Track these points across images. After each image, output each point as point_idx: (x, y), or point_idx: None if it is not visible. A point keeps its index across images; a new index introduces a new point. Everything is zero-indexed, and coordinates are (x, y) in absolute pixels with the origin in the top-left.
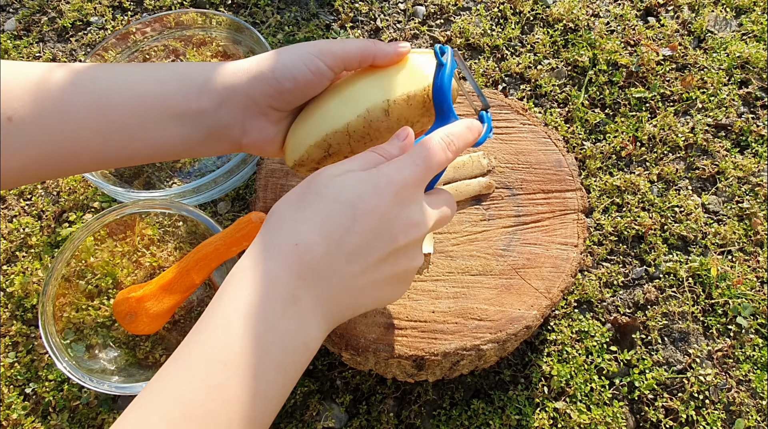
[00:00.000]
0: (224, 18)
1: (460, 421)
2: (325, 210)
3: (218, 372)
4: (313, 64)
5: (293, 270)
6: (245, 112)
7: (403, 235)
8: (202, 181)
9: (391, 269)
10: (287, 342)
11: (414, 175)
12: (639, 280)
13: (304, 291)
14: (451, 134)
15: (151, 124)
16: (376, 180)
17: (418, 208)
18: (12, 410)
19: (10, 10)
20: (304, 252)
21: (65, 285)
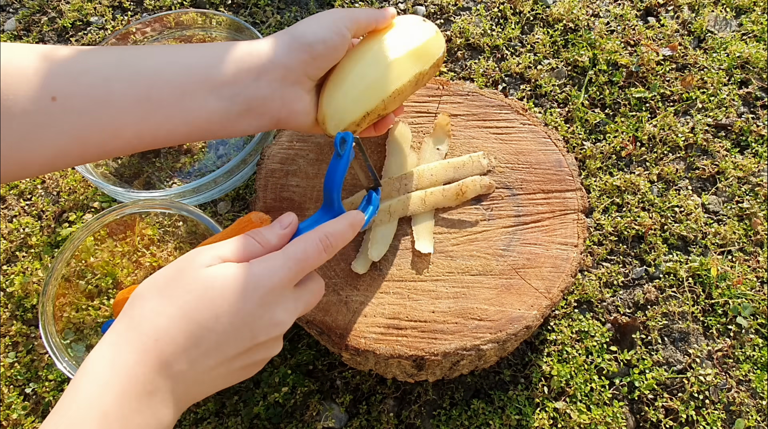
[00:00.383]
0: (224, 18)
1: (460, 421)
2: (190, 307)
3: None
4: (338, 29)
5: (151, 365)
6: (283, 83)
7: (263, 334)
8: (202, 181)
9: (248, 360)
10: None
11: (284, 277)
12: (639, 280)
13: (160, 385)
14: (331, 235)
15: (191, 98)
16: (244, 280)
17: (283, 308)
18: (12, 410)
19: (10, 10)
20: (163, 348)
21: (65, 285)
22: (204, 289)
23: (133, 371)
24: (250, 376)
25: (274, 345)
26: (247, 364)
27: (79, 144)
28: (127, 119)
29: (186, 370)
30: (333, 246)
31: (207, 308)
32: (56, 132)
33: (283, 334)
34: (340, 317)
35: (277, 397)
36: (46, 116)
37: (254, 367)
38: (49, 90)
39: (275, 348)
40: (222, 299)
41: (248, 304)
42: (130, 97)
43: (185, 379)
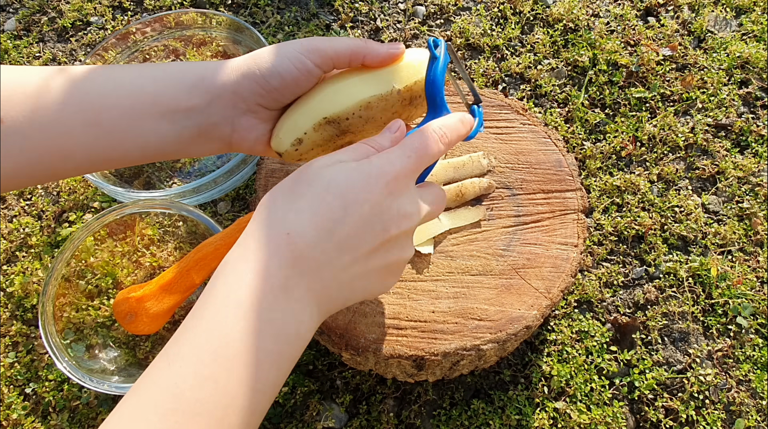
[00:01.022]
0: (224, 18)
1: (460, 421)
2: (317, 200)
3: (211, 363)
4: (300, 63)
5: (285, 259)
6: (234, 110)
7: (394, 226)
8: (202, 181)
9: (382, 260)
10: (279, 332)
11: (406, 166)
12: (639, 280)
13: (295, 280)
14: (444, 126)
15: (143, 123)
16: (368, 171)
17: (410, 200)
18: (12, 410)
19: (10, 10)
20: (295, 241)
21: (65, 285)
22: (329, 184)
23: (266, 266)
24: (388, 288)
25: (406, 242)
26: (383, 266)
27: (28, 167)
28: (76, 143)
29: (322, 266)
30: (448, 137)
31: (334, 200)
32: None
33: (413, 230)
34: (340, 317)
35: (277, 396)
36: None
37: (391, 274)
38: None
39: (407, 247)
40: (348, 190)
41: (374, 194)
42: (79, 121)
43: (322, 276)
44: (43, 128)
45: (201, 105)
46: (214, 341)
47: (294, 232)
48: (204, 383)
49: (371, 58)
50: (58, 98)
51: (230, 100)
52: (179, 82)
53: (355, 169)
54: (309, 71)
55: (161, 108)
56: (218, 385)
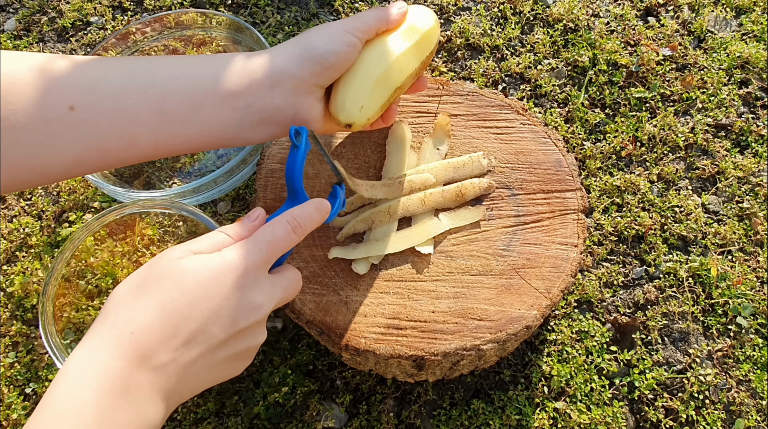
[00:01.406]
0: (224, 18)
1: (460, 421)
2: (164, 297)
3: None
4: (348, 38)
5: (128, 359)
6: (295, 93)
7: (243, 319)
8: (202, 181)
9: (232, 350)
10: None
11: (257, 259)
12: (639, 280)
13: (140, 380)
14: (297, 217)
15: (206, 109)
16: (218, 266)
17: (260, 290)
18: (12, 410)
19: (10, 10)
20: (139, 340)
21: (65, 285)
22: (178, 279)
23: (108, 366)
24: (239, 372)
25: (256, 332)
26: (232, 355)
27: (96, 152)
28: (142, 129)
29: (167, 363)
30: (301, 226)
31: (182, 296)
32: (74, 140)
33: (264, 320)
34: (340, 317)
35: (277, 397)
36: (64, 125)
37: (241, 360)
38: (67, 100)
39: (258, 335)
40: (196, 286)
41: (223, 288)
42: (145, 108)
43: (168, 372)
44: (110, 115)
45: (262, 90)
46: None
47: (138, 331)
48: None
49: (393, 22)
50: (123, 85)
51: (291, 84)
52: (239, 70)
53: (206, 263)
54: (355, 46)
55: (223, 94)
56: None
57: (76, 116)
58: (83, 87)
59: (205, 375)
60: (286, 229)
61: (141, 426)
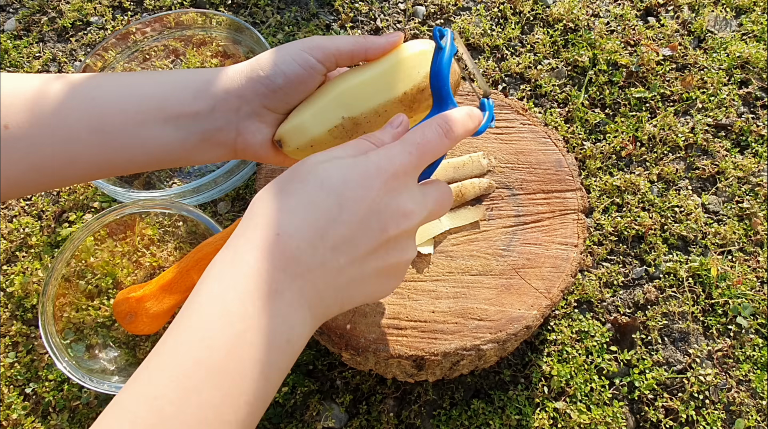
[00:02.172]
0: (224, 18)
1: (460, 421)
2: (310, 198)
3: (194, 374)
4: (302, 59)
5: (274, 261)
6: (238, 114)
7: (393, 226)
8: (202, 181)
9: (382, 262)
10: (269, 340)
11: (406, 162)
12: (639, 280)
13: (286, 284)
14: (450, 121)
15: (148, 129)
16: (365, 167)
17: (410, 198)
18: (12, 410)
19: (10, 10)
20: (286, 242)
21: (65, 285)
22: (322, 181)
23: (255, 268)
24: (389, 291)
25: (407, 244)
26: (382, 268)
27: (34, 172)
28: (80, 149)
29: (316, 268)
30: (453, 131)
31: (329, 198)
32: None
33: (414, 231)
34: (340, 317)
35: (277, 397)
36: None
37: (392, 277)
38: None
39: (409, 249)
40: (344, 188)
41: (372, 191)
42: (84, 126)
43: (315, 279)
44: (47, 133)
45: (206, 109)
46: (198, 351)
47: (285, 233)
48: (187, 396)
49: (373, 52)
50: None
51: (234, 104)
52: (184, 87)
53: (352, 165)
54: (313, 68)
55: (166, 113)
56: (201, 398)
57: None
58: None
59: (354, 288)
60: (437, 132)
61: (289, 333)
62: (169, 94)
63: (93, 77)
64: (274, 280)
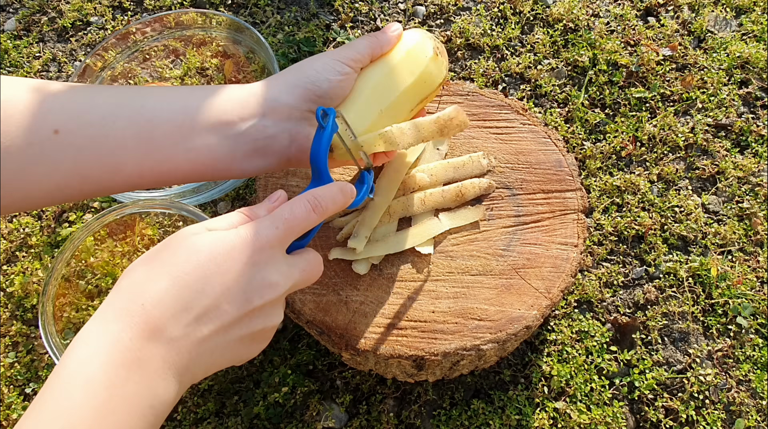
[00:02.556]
0: (224, 18)
1: (460, 421)
2: (177, 270)
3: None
4: (340, 68)
5: (139, 331)
6: (290, 120)
7: (257, 297)
8: (202, 182)
9: (246, 329)
10: (133, 408)
11: (272, 236)
12: (639, 280)
13: (150, 353)
14: (318, 196)
15: (195, 137)
16: (231, 241)
17: (275, 269)
18: (12, 410)
19: (10, 10)
20: (150, 313)
21: (65, 285)
22: (191, 252)
23: (119, 338)
24: (255, 354)
25: (272, 311)
26: (247, 335)
27: (79, 179)
28: (127, 156)
29: (180, 337)
30: (322, 206)
31: (195, 270)
32: (56, 165)
33: (280, 299)
34: (340, 317)
35: (277, 397)
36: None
37: (257, 341)
38: (52, 123)
39: (274, 316)
40: (210, 260)
41: (237, 264)
42: (131, 135)
43: (179, 348)
44: (95, 140)
45: (254, 118)
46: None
47: (149, 304)
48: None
49: (387, 46)
50: (110, 111)
51: (285, 111)
52: (230, 99)
53: (221, 238)
54: (349, 75)
55: (213, 122)
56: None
57: (59, 140)
58: (69, 111)
59: (219, 354)
60: (305, 208)
61: (152, 400)
62: (216, 103)
63: (140, 88)
64: (138, 348)
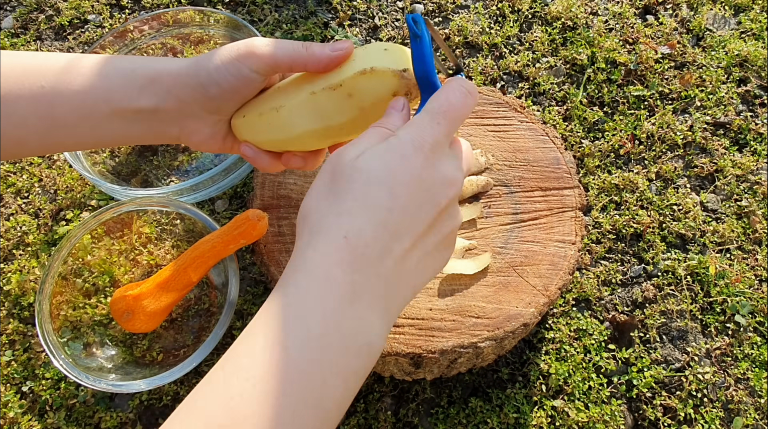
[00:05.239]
0: (222, 16)
1: (458, 420)
2: (361, 195)
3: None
4: (235, 70)
5: (348, 264)
6: (180, 114)
7: (443, 196)
8: (200, 179)
9: (439, 234)
10: (349, 345)
11: (439, 131)
12: (637, 279)
13: (362, 285)
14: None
15: (94, 119)
16: (401, 148)
17: (449, 164)
18: (9, 408)
19: (8, 8)
20: (355, 244)
21: (62, 283)
22: (368, 175)
23: (331, 274)
24: (446, 261)
25: (454, 209)
26: (440, 240)
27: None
28: (30, 132)
29: (385, 261)
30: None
31: (379, 189)
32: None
33: (458, 195)
34: None
35: None
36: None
37: (447, 246)
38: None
39: (457, 214)
40: (388, 174)
41: (416, 169)
42: (32, 113)
43: (387, 272)
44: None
45: (149, 107)
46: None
47: (351, 234)
48: (264, 399)
49: (313, 65)
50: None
51: (176, 106)
52: (130, 83)
53: (387, 150)
54: (246, 78)
55: (112, 106)
56: (278, 401)
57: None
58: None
59: (419, 270)
60: (460, 92)
61: (367, 337)
62: (117, 86)
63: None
64: (350, 283)
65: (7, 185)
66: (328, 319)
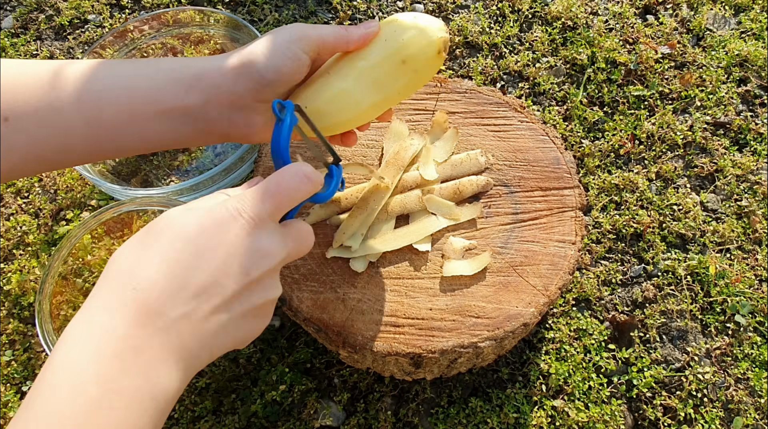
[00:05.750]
0: (222, 16)
1: (458, 420)
2: (166, 248)
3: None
4: (292, 53)
5: (132, 318)
6: (231, 108)
7: (255, 268)
8: (200, 179)
9: (248, 304)
10: (131, 401)
11: (263, 207)
12: (637, 278)
13: (146, 340)
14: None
15: (141, 120)
16: (220, 213)
17: (269, 239)
18: (9, 408)
19: (8, 8)
20: (143, 297)
21: (62, 283)
22: (179, 229)
23: (109, 327)
24: (259, 331)
25: (270, 284)
26: (249, 310)
27: (32, 160)
28: (77, 140)
29: (179, 318)
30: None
31: (186, 246)
32: (9, 150)
33: (276, 270)
34: (338, 315)
35: (274, 395)
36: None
37: (260, 317)
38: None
39: (274, 288)
40: (200, 234)
41: (230, 235)
42: (79, 120)
43: (180, 330)
44: (45, 126)
45: (198, 104)
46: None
47: (141, 288)
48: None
49: (354, 43)
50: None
51: (227, 99)
52: (176, 82)
53: (207, 212)
54: (301, 61)
55: (158, 107)
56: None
57: (9, 128)
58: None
59: (223, 334)
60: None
61: (153, 391)
62: (162, 87)
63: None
64: (133, 336)
65: (7, 185)
66: (106, 377)
